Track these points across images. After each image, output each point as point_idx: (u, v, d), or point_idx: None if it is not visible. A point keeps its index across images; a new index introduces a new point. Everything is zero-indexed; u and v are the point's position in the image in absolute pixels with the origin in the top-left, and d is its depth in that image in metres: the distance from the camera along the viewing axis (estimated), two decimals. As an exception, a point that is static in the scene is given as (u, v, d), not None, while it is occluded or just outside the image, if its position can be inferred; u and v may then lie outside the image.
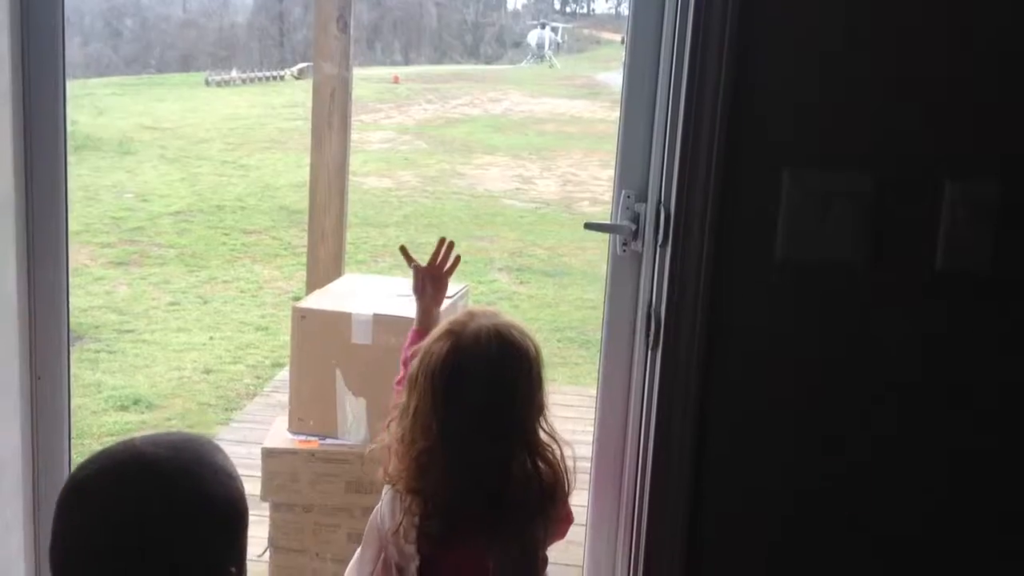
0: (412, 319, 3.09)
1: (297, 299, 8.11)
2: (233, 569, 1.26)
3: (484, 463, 1.66)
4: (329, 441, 3.01)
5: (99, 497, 1.20)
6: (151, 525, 1.19)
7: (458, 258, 2.17)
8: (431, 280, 2.13)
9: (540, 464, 1.69)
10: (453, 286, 3.43)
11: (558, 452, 1.72)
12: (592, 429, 1.95)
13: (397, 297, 3.07)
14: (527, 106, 22.90)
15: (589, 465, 2.00)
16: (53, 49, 1.83)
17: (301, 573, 2.99)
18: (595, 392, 5.20)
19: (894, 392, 1.67)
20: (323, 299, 3.18)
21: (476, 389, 1.64)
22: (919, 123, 1.58)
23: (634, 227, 1.79)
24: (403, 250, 2.20)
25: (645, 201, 1.78)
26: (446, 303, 3.38)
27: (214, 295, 8.90)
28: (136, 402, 6.02)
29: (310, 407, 3.02)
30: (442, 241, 2.14)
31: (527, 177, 15.64)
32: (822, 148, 1.61)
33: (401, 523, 1.69)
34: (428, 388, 1.67)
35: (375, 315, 2.97)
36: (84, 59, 26.66)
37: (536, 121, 20.82)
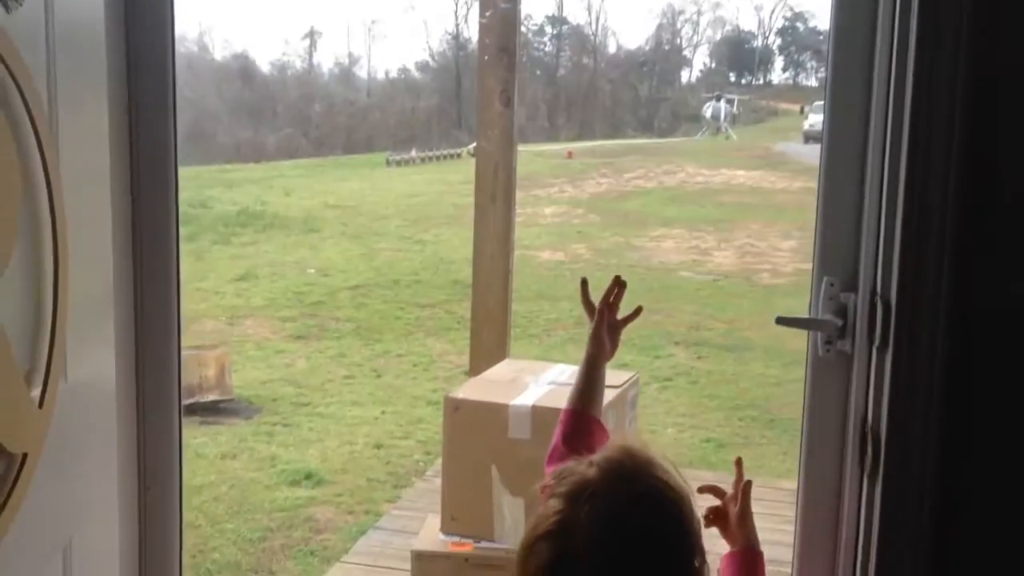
0: (576, 413, 2.81)
1: (468, 374, 8.05)
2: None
3: None
4: (484, 544, 2.73)
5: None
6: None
7: (640, 309, 1.74)
8: (607, 328, 1.69)
9: None
10: (622, 373, 3.13)
11: None
12: (786, 527, 1.59)
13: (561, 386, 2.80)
14: (703, 178, 22.52)
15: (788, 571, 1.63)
16: (164, 130, 1.69)
17: None
18: (784, 484, 4.73)
19: None
20: (479, 388, 2.94)
21: None
22: None
23: (840, 323, 1.44)
24: (584, 283, 1.77)
25: (854, 291, 1.44)
26: (613, 393, 3.09)
27: (388, 368, 8.96)
28: (308, 477, 6.00)
29: (463, 506, 2.76)
30: (616, 279, 1.73)
31: (704, 249, 15.25)
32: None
33: None
34: None
35: (534, 407, 2.70)
36: (275, 143, 28.16)
37: (712, 192, 20.39)
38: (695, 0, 52.12)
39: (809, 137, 28.72)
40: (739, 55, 52.15)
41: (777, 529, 4.28)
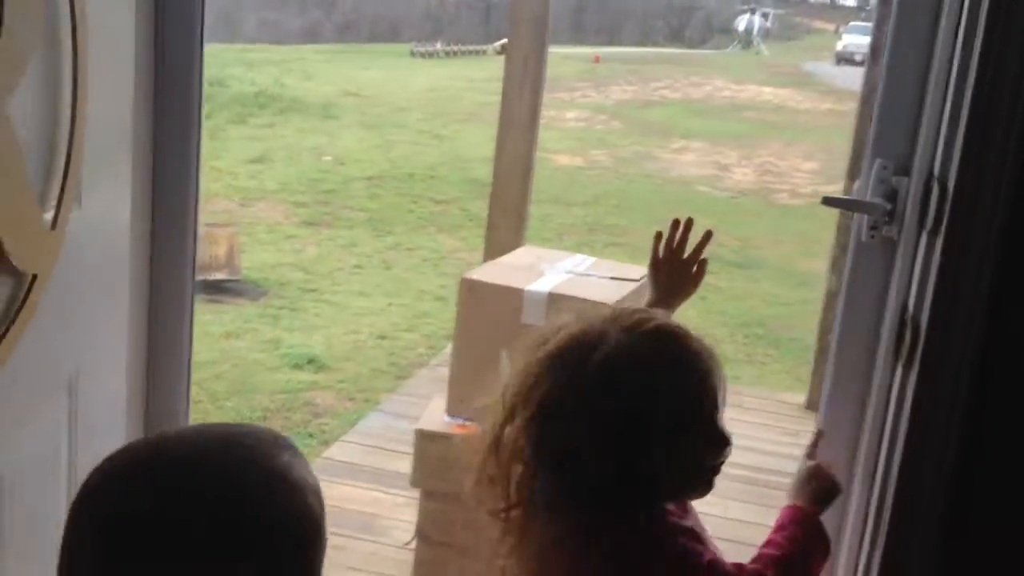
0: (593, 301, 2.76)
1: (482, 268, 8.01)
2: None
3: None
4: (489, 429, 2.71)
5: (108, 506, 0.90)
6: (190, 556, 0.88)
7: (709, 233, 1.55)
8: (669, 271, 1.50)
9: None
10: (642, 268, 3.07)
11: None
12: (785, 439, 1.54)
13: (611, 280, 2.75)
14: (729, 92, 22.15)
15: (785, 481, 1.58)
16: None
17: (445, 569, 2.72)
18: (788, 398, 4.71)
19: None
20: (495, 271, 2.88)
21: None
22: None
23: (889, 207, 1.37)
24: (658, 236, 1.55)
25: (907, 175, 1.37)
26: (632, 287, 3.04)
27: (397, 262, 8.93)
28: (310, 361, 6.02)
29: (472, 389, 2.71)
30: (674, 223, 1.54)
31: (724, 165, 15.08)
32: None
33: None
34: None
35: (550, 294, 2.65)
36: (299, 27, 27.66)
37: (738, 108, 20.07)
38: (737, -92, 50.37)
39: (841, 58, 28.12)
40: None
41: (779, 441, 4.31)
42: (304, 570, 0.94)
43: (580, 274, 2.84)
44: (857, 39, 29.05)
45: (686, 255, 1.48)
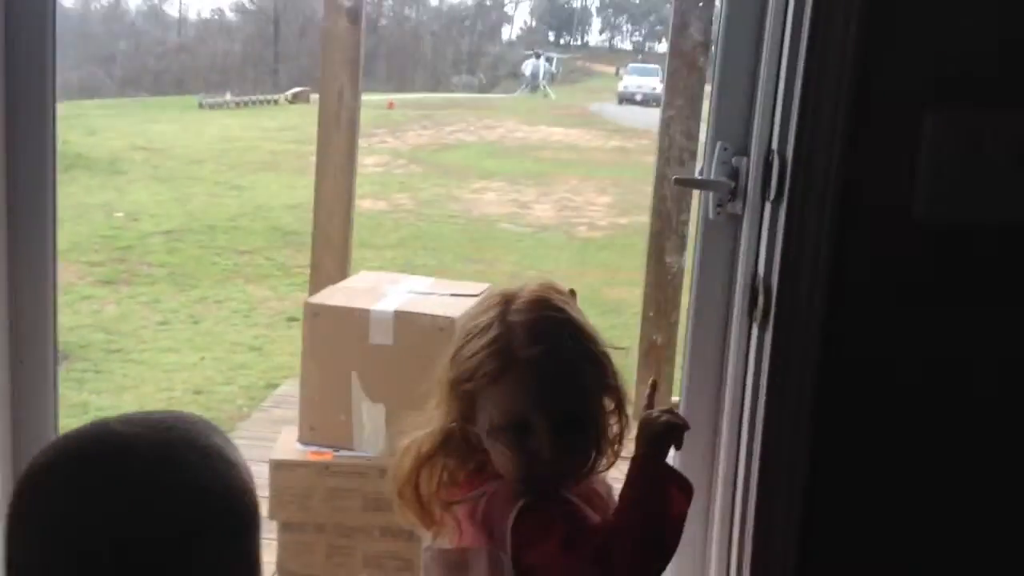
0: (439, 317, 2.80)
1: (293, 320, 7.90)
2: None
3: None
4: (344, 453, 2.71)
5: (58, 490, 0.91)
6: (123, 524, 0.89)
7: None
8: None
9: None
10: (479, 284, 3.16)
11: None
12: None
13: (452, 296, 2.80)
14: (522, 133, 22.79)
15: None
16: (42, 63, 1.57)
17: (311, 600, 2.68)
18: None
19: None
20: (338, 295, 2.89)
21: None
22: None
23: (732, 184, 1.51)
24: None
25: (746, 155, 1.51)
26: (473, 301, 3.11)
27: (206, 315, 8.68)
28: (125, 422, 5.73)
29: (323, 415, 2.72)
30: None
31: (524, 202, 15.49)
32: (975, 80, 1.34)
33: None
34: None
35: (396, 312, 2.69)
36: (78, 82, 26.45)
37: (532, 148, 20.68)
38: (517, -43, 52.26)
39: (623, 98, 29.58)
40: (558, 15, 52.94)
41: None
42: (250, 546, 0.96)
43: (422, 293, 2.89)
44: (637, 80, 30.70)
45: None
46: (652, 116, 23.50)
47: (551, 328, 1.28)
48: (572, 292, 1.41)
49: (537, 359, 1.25)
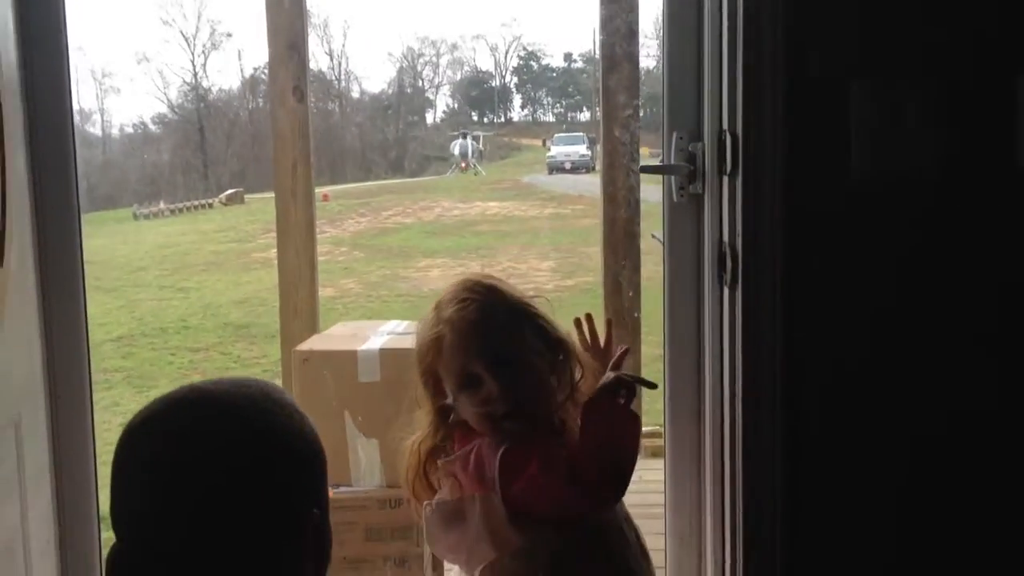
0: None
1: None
2: (316, 511, 1.09)
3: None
4: (343, 489, 2.82)
5: (158, 437, 1.03)
6: (220, 464, 1.02)
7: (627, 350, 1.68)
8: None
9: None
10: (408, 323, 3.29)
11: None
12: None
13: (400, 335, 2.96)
14: (458, 211, 23.11)
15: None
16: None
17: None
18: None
19: (992, 304, 1.59)
20: (324, 341, 3.03)
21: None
22: (988, 21, 1.55)
23: (691, 168, 1.71)
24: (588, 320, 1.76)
25: (700, 140, 1.71)
26: (407, 340, 3.25)
27: (167, 413, 8.61)
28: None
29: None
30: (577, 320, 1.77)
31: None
32: (889, 55, 1.56)
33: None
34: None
35: (382, 350, 2.83)
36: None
37: (470, 223, 20.98)
38: (432, 43, 53.41)
39: (553, 168, 30.21)
40: (479, 94, 54.06)
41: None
42: (321, 487, 1.11)
43: (401, 334, 3.04)
44: (564, 148, 31.36)
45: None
46: (584, 182, 24.06)
47: (472, 292, 1.55)
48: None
49: (463, 315, 1.51)
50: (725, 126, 1.61)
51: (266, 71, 5.00)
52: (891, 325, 1.60)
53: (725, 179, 1.63)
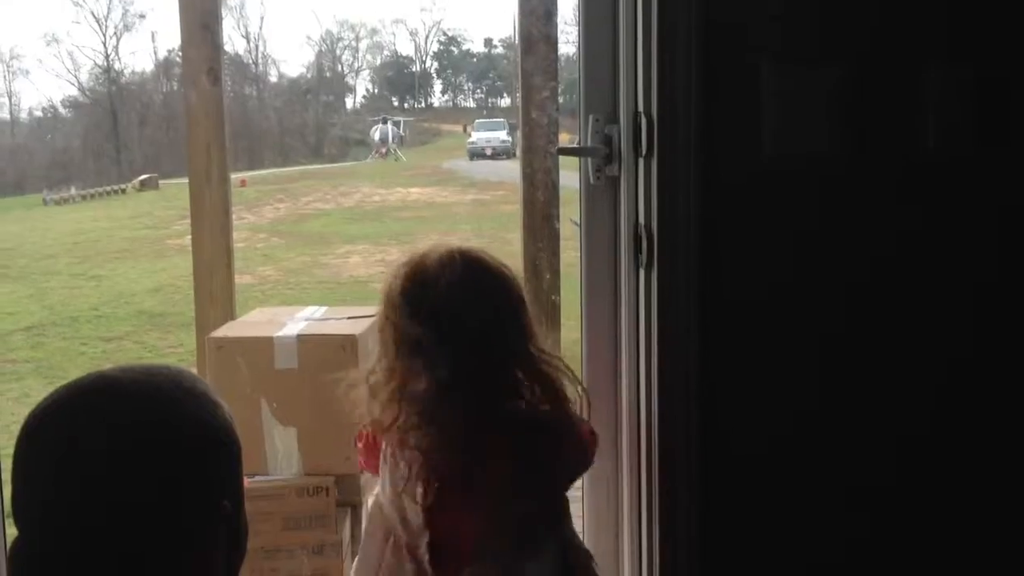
0: (340, 336, 2.90)
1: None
2: (226, 503, 1.07)
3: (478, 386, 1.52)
4: (259, 478, 2.78)
5: (63, 426, 1.00)
6: (125, 457, 0.99)
7: None
8: None
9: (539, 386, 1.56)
10: (372, 308, 3.27)
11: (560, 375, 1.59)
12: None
13: (349, 319, 2.92)
14: (379, 197, 22.93)
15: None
16: None
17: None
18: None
19: (895, 283, 1.63)
20: (239, 328, 2.97)
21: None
22: (896, 5, 1.59)
23: (607, 151, 1.71)
24: None
25: (615, 122, 1.72)
26: (370, 321, 3.22)
27: (79, 404, 8.40)
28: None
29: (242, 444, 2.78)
30: None
31: (390, 261, 15.42)
32: (798, 40, 1.59)
33: (409, 475, 1.52)
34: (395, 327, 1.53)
35: (299, 336, 2.79)
36: (-96, 191, 25.31)
37: (391, 209, 20.84)
38: (352, 27, 52.69)
39: (474, 154, 30.15)
40: (400, 79, 53.59)
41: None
42: (235, 478, 1.08)
43: (319, 320, 3.00)
44: (485, 134, 31.32)
45: None
46: (504, 168, 24.07)
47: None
48: None
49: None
50: (640, 108, 1.62)
51: (180, 53, 4.88)
52: (802, 304, 1.63)
53: (641, 161, 1.64)
